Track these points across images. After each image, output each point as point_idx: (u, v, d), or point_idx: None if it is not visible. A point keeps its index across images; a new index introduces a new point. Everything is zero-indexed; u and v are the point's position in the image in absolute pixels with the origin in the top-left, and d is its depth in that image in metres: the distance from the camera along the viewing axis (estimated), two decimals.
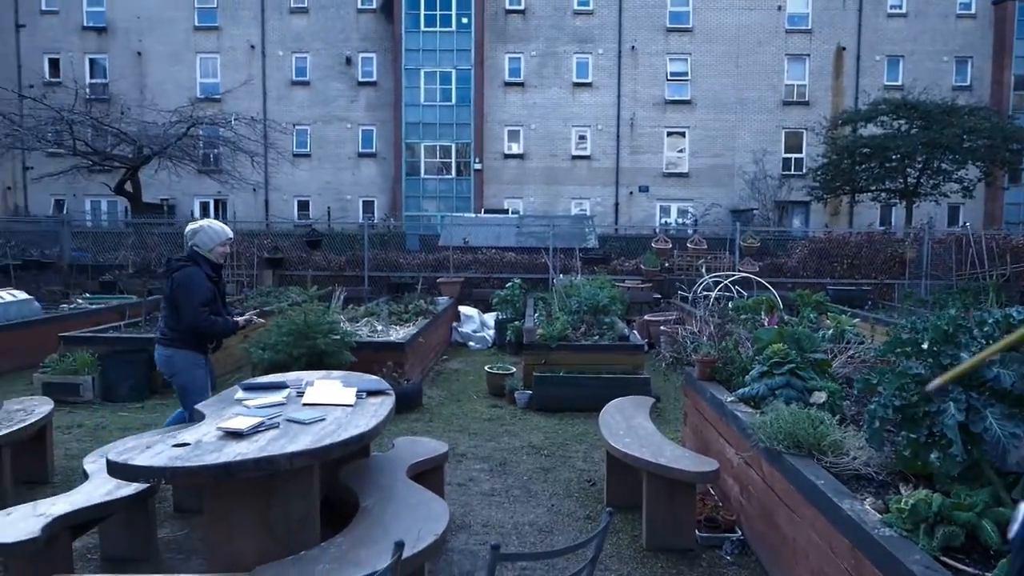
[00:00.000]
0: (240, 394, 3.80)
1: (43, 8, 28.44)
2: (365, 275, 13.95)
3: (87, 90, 23.70)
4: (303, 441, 2.93)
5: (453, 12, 27.37)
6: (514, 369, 7.93)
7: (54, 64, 28.01)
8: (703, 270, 11.89)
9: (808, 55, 27.79)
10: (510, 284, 11.58)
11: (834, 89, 27.81)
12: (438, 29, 27.45)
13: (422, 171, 28.17)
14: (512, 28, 28.07)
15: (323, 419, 3.27)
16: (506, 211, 25.75)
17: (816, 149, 24.59)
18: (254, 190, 26.60)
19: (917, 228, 15.49)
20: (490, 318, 11.51)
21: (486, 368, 8.04)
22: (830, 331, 6.03)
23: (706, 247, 14.34)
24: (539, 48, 27.98)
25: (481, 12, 27.30)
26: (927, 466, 2.78)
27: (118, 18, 28.30)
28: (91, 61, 28.56)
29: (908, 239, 14.36)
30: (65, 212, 23.57)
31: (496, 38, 27.93)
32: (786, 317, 6.73)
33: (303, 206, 28.50)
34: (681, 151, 28.35)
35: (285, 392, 3.80)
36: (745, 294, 8.99)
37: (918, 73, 26.52)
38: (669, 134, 28.20)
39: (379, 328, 8.28)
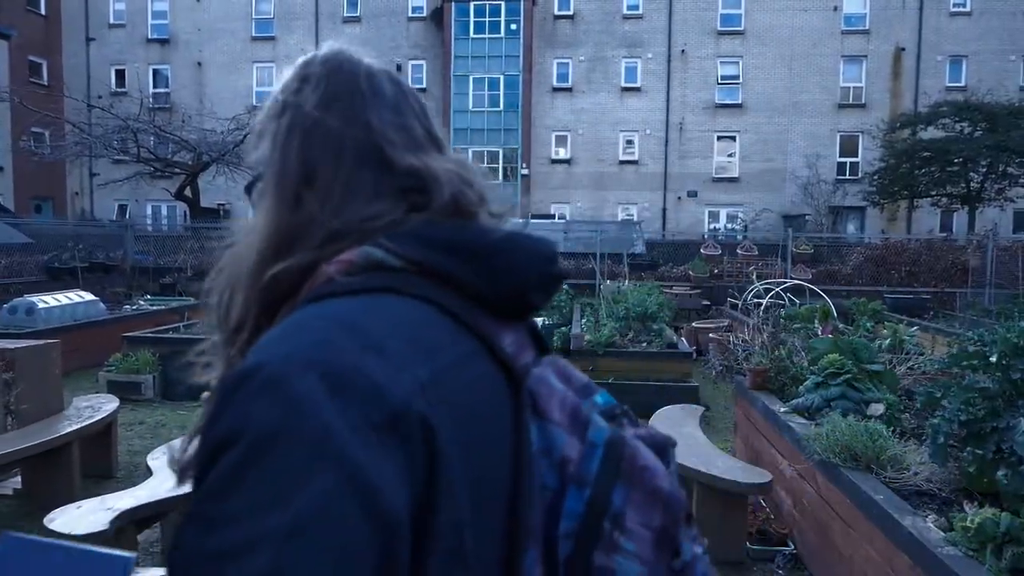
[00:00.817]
0: None
1: (111, 22, 29.75)
2: None
3: (150, 99, 24.61)
4: None
5: (502, 19, 27.52)
6: None
7: (120, 75, 29.23)
8: (753, 277, 11.67)
9: (865, 56, 27.00)
10: None
11: (892, 91, 26.94)
12: (487, 36, 27.63)
13: None
14: (561, 33, 28.09)
15: None
16: (553, 216, 25.78)
17: (872, 153, 23.85)
18: None
19: (981, 234, 14.90)
20: (537, 323, 11.48)
21: None
22: (887, 341, 5.86)
23: (756, 253, 14.09)
24: (587, 53, 27.91)
25: (530, 18, 27.39)
26: (994, 484, 2.68)
27: (180, 30, 29.38)
28: (154, 72, 29.70)
29: (971, 246, 13.83)
30: (128, 217, 24.55)
31: (545, 44, 27.98)
32: (840, 326, 6.57)
33: None
34: (731, 155, 27.87)
35: None
36: (797, 302, 8.80)
37: (982, 74, 25.48)
38: (719, 138, 27.76)
39: None
